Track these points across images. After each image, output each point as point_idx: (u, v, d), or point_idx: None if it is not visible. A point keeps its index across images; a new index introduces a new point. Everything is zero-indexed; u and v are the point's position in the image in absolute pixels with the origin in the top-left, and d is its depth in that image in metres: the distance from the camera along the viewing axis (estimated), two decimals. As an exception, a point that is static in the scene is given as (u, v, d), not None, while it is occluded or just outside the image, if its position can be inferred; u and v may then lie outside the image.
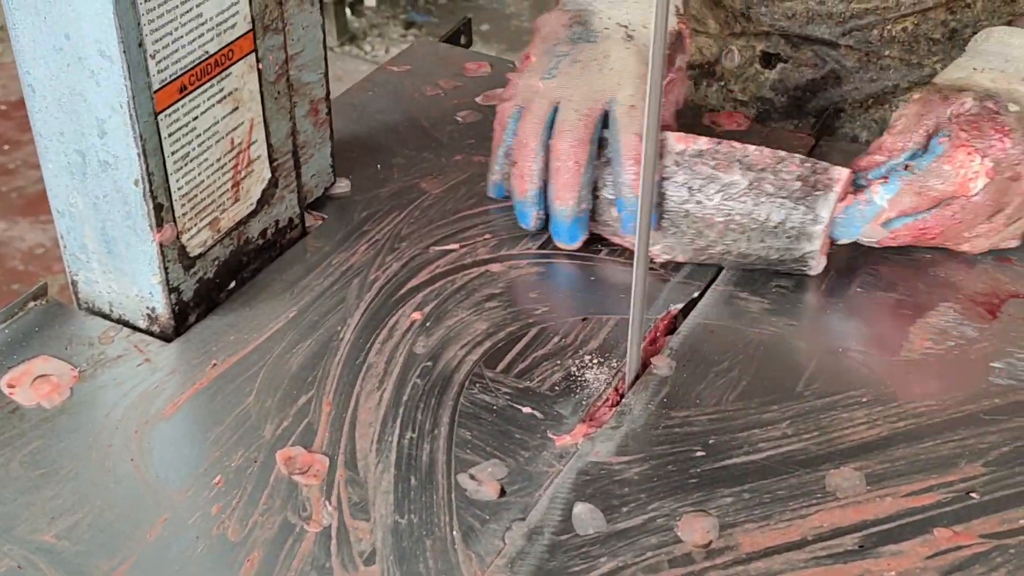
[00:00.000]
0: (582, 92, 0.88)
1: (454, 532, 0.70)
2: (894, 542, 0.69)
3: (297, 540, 0.70)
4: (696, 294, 0.88)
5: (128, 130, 0.76)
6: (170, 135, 0.79)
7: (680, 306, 0.87)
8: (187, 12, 0.77)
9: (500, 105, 0.93)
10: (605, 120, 0.89)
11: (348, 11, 3.63)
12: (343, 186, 0.98)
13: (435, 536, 0.70)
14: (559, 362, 0.82)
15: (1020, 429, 0.77)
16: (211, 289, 0.87)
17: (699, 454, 0.75)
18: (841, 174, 0.86)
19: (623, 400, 0.79)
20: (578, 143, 0.86)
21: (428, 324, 0.85)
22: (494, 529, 0.70)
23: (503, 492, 0.73)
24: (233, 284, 0.88)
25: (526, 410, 0.78)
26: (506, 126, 0.92)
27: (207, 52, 0.79)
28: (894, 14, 1.05)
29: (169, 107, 0.78)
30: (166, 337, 0.84)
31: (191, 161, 0.81)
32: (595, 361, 0.82)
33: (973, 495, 0.72)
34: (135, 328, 0.85)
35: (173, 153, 0.79)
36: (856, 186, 0.87)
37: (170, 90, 0.77)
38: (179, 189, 0.81)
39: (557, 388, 0.80)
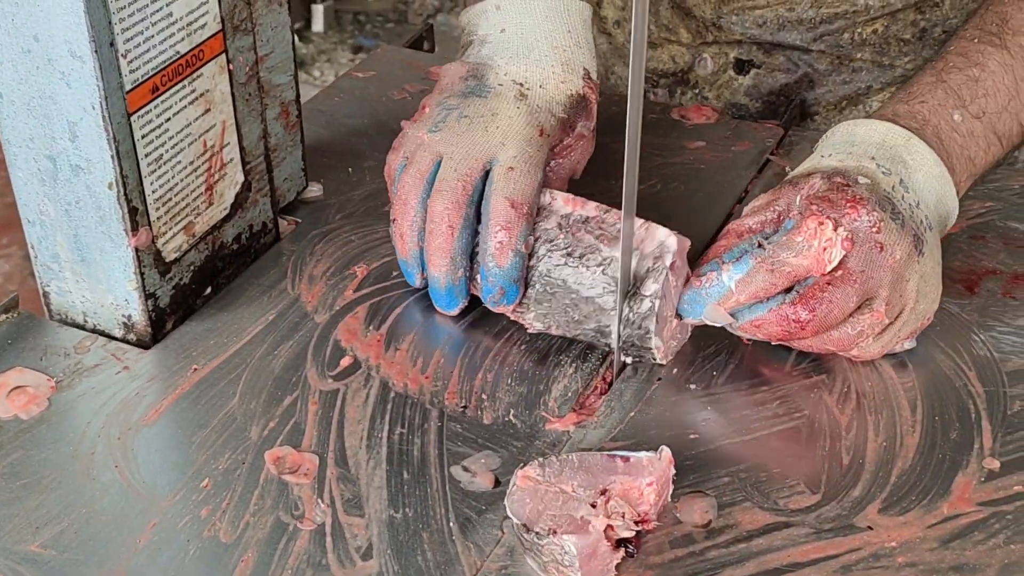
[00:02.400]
0: (464, 149, 0.82)
1: (451, 524, 0.69)
2: (893, 513, 0.69)
3: (291, 539, 0.68)
4: (677, 282, 0.88)
5: (101, 132, 0.75)
6: (143, 137, 0.77)
7: (662, 294, 0.87)
8: (157, 11, 0.76)
9: (388, 155, 0.88)
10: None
11: (295, 38, 3.63)
12: (315, 190, 0.98)
13: (432, 528, 0.69)
14: (544, 354, 0.81)
15: (1008, 398, 0.77)
16: (187, 295, 0.85)
17: (692, 437, 0.75)
18: (669, 247, 0.77)
19: (612, 387, 0.79)
20: (454, 205, 0.80)
21: (411, 324, 0.84)
22: (491, 519, 0.69)
23: (498, 482, 0.72)
24: (209, 290, 0.87)
25: (515, 399, 0.77)
26: (393, 179, 0.86)
27: (178, 52, 0.78)
28: (864, 17, 1.06)
29: (142, 108, 0.77)
30: (143, 345, 0.82)
31: (165, 164, 0.80)
32: (583, 353, 0.82)
33: (970, 462, 0.72)
34: (111, 337, 0.83)
35: (147, 155, 0.78)
36: (708, 271, 0.78)
37: (142, 91, 0.76)
38: (153, 192, 0.79)
39: (546, 377, 0.79)
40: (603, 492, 0.66)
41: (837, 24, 1.07)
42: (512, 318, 0.82)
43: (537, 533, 0.63)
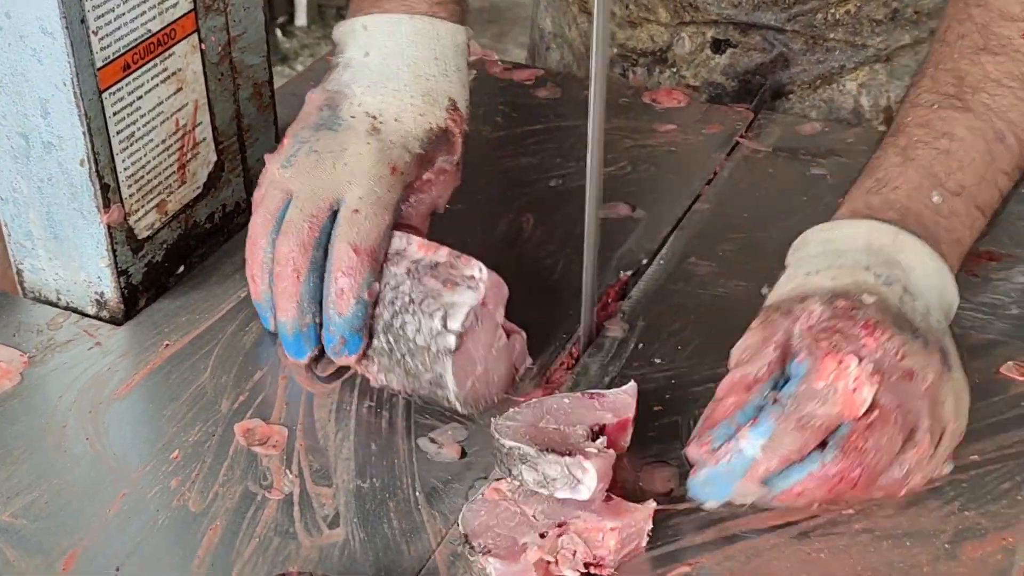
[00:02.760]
0: (311, 187, 0.77)
1: (417, 493, 0.70)
2: (851, 481, 0.71)
3: (259, 508, 0.69)
4: (645, 260, 0.89)
5: (73, 108, 0.76)
6: (115, 114, 0.78)
7: (631, 272, 0.88)
8: (128, -11, 0.77)
9: (254, 194, 0.81)
10: None
11: (279, 32, 3.63)
12: (289, 171, 0.98)
13: (398, 498, 0.70)
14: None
15: (966, 372, 0.79)
16: (160, 273, 0.86)
17: (656, 409, 0.76)
18: (480, 280, 0.73)
19: (578, 362, 0.80)
20: (299, 248, 0.75)
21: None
22: (457, 489, 0.71)
23: (464, 453, 0.73)
24: (182, 268, 0.88)
25: (483, 375, 0.79)
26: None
27: (149, 31, 0.79)
28: None
29: (113, 85, 0.77)
30: (116, 321, 0.83)
31: (137, 141, 0.81)
32: (549, 331, 0.83)
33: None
34: (84, 314, 0.84)
35: (118, 133, 0.79)
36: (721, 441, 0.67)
37: (114, 68, 0.77)
38: (125, 170, 0.80)
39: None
40: (561, 524, 0.64)
41: (811, 5, 1.09)
42: (359, 371, 0.78)
43: (471, 547, 0.63)
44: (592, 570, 0.65)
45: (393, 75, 0.82)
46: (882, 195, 0.76)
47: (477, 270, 0.74)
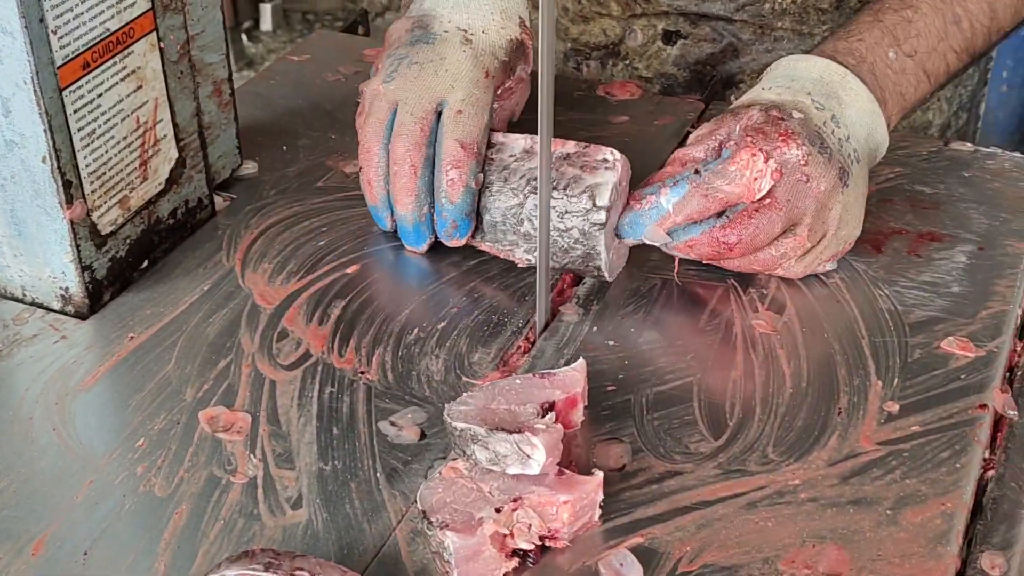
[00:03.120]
0: (417, 94, 0.87)
1: (378, 474, 0.72)
2: (797, 453, 0.73)
3: (224, 491, 0.71)
4: (599, 247, 0.92)
5: (33, 106, 0.77)
6: (75, 112, 0.80)
7: (585, 259, 0.91)
8: (87, -11, 0.78)
9: (356, 120, 0.92)
10: None
11: (244, 37, 3.64)
12: (250, 167, 1.00)
13: (360, 479, 0.72)
14: (473, 318, 0.85)
15: (908, 346, 0.81)
16: (124, 268, 0.88)
17: (610, 388, 0.78)
18: (616, 160, 0.83)
19: (535, 346, 0.82)
20: (414, 147, 0.85)
21: (344, 290, 0.87)
22: (416, 469, 0.73)
23: (423, 435, 0.75)
24: (146, 263, 0.90)
25: (441, 360, 0.81)
26: None
27: (108, 29, 0.81)
28: None
29: (73, 83, 0.79)
30: (81, 316, 0.85)
31: (98, 138, 0.82)
32: (506, 317, 0.85)
33: (868, 406, 0.76)
34: (49, 309, 0.86)
35: (79, 130, 0.80)
36: (648, 194, 0.84)
37: (73, 66, 0.79)
38: (87, 166, 0.82)
39: (471, 339, 0.82)
40: (515, 500, 0.66)
41: None
42: (503, 256, 0.88)
43: (430, 522, 0.65)
44: (547, 542, 0.67)
45: None
46: (848, 43, 0.91)
47: (609, 153, 0.84)
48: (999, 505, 0.71)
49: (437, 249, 0.90)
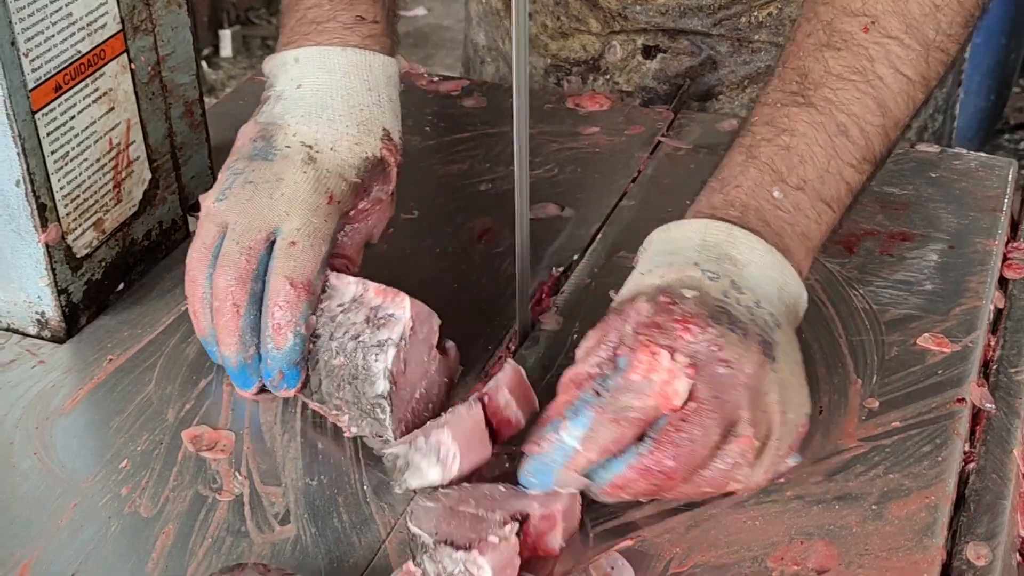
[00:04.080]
0: (247, 219, 0.77)
1: (365, 487, 0.72)
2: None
3: (210, 509, 0.71)
4: (576, 256, 0.92)
5: (6, 130, 0.77)
6: (48, 134, 0.80)
7: (563, 268, 0.91)
8: (57, 11, 0.78)
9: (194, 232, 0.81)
10: None
11: (204, 64, 3.63)
12: (223, 188, 1.00)
13: (347, 493, 0.72)
14: (453, 328, 0.85)
15: (885, 344, 0.82)
16: (100, 291, 0.87)
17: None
18: (400, 317, 0.73)
19: (515, 356, 0.83)
20: (236, 282, 0.75)
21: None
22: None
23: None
24: (122, 286, 0.89)
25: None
26: None
27: (79, 51, 0.81)
28: (759, 1, 1.12)
29: (46, 106, 0.79)
30: (58, 340, 0.84)
31: (71, 161, 0.82)
32: (485, 327, 0.85)
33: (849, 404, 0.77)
34: (25, 335, 0.85)
35: (53, 152, 0.80)
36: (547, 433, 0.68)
37: (45, 89, 0.78)
38: (61, 189, 0.82)
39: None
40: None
41: (735, 9, 1.13)
42: (331, 420, 0.77)
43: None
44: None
45: (327, 106, 0.82)
46: (724, 193, 0.76)
47: (400, 308, 0.74)
48: (981, 497, 0.72)
49: (415, 260, 0.90)
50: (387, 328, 0.73)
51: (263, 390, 0.78)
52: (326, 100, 0.83)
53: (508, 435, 0.71)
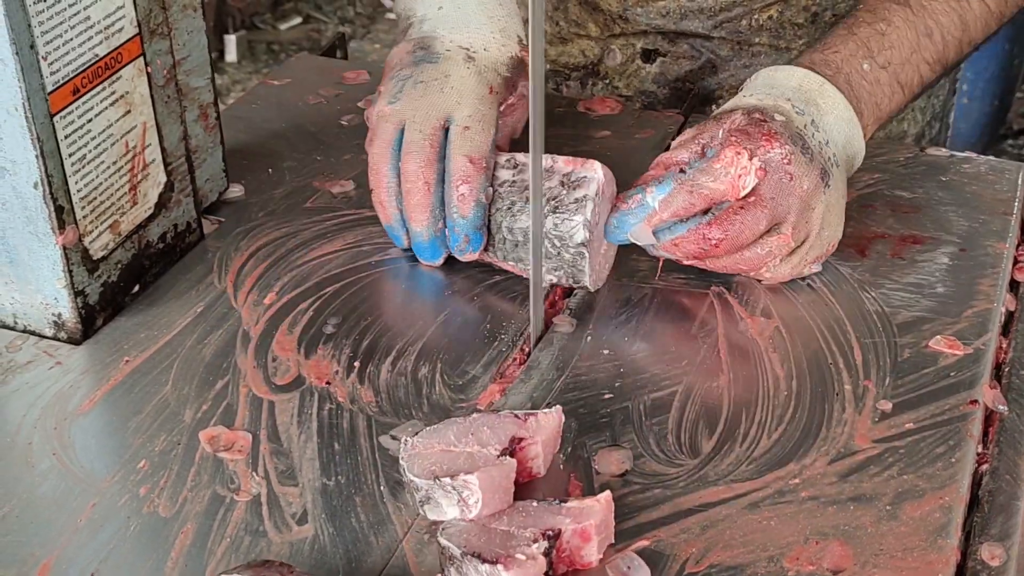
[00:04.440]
0: (424, 111, 0.88)
1: (382, 487, 0.73)
2: (798, 453, 0.74)
3: (228, 509, 0.71)
4: (588, 259, 0.93)
5: (25, 132, 0.77)
6: (66, 137, 0.80)
7: (575, 270, 0.92)
8: (75, 15, 0.79)
9: (366, 145, 0.92)
10: None
11: (210, 68, 3.63)
12: (236, 191, 1.01)
13: (364, 493, 0.72)
14: (467, 331, 0.85)
15: (898, 346, 0.83)
16: (116, 292, 0.88)
17: (607, 396, 0.79)
18: (595, 172, 0.84)
19: (530, 357, 0.83)
20: (426, 163, 0.86)
21: (336, 310, 0.88)
22: (420, 481, 0.73)
23: (425, 448, 0.75)
24: (137, 288, 0.90)
25: (438, 373, 0.81)
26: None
27: (97, 55, 0.81)
28: (760, 4, 1.13)
29: (64, 109, 0.79)
30: (75, 341, 0.85)
31: (88, 163, 0.82)
32: (499, 330, 0.85)
33: (863, 404, 0.78)
34: (42, 336, 0.85)
35: (71, 155, 0.81)
36: (634, 194, 0.85)
37: (64, 92, 0.79)
38: (78, 191, 0.82)
39: (466, 352, 0.83)
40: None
41: (735, 12, 1.13)
42: (517, 272, 0.88)
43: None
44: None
45: (471, 19, 0.95)
46: (824, 55, 0.93)
47: (591, 168, 0.84)
48: (995, 498, 0.72)
49: (424, 266, 0.91)
50: (583, 187, 0.84)
51: (448, 260, 0.90)
52: (468, 15, 0.95)
53: (523, 481, 0.72)
